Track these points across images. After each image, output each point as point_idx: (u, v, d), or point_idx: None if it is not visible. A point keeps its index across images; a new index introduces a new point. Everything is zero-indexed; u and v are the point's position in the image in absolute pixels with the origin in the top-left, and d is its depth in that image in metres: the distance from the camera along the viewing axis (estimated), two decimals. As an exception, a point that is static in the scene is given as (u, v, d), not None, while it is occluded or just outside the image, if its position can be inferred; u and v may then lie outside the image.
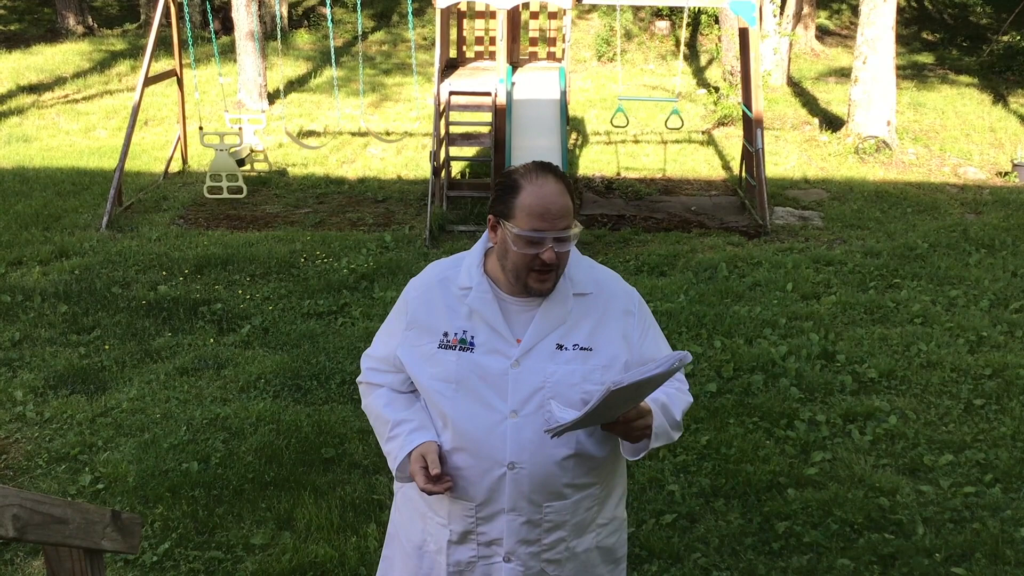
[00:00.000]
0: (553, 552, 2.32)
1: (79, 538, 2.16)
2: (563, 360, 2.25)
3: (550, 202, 2.16)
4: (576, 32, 17.45)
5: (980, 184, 10.75)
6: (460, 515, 2.31)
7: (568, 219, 2.19)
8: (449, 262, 2.42)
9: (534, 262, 2.18)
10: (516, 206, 2.18)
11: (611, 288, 2.38)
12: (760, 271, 7.61)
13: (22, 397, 5.38)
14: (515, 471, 2.23)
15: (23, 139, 12.04)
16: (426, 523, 2.39)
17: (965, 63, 17.53)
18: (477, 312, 2.27)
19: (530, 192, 2.17)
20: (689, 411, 2.47)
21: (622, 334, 2.32)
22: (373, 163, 11.29)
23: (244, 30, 13.52)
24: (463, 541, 2.33)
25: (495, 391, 2.23)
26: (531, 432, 2.22)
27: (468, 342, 2.26)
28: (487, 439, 2.23)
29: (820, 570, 3.89)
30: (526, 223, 2.16)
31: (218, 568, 3.91)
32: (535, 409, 2.22)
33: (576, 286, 2.31)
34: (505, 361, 2.24)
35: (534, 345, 2.25)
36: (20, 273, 7.41)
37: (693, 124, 12.92)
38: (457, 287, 2.31)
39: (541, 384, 2.22)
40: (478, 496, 2.27)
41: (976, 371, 5.74)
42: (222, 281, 7.30)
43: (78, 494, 4.42)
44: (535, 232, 2.15)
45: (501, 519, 2.28)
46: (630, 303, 2.38)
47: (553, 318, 2.27)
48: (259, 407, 5.24)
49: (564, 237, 2.18)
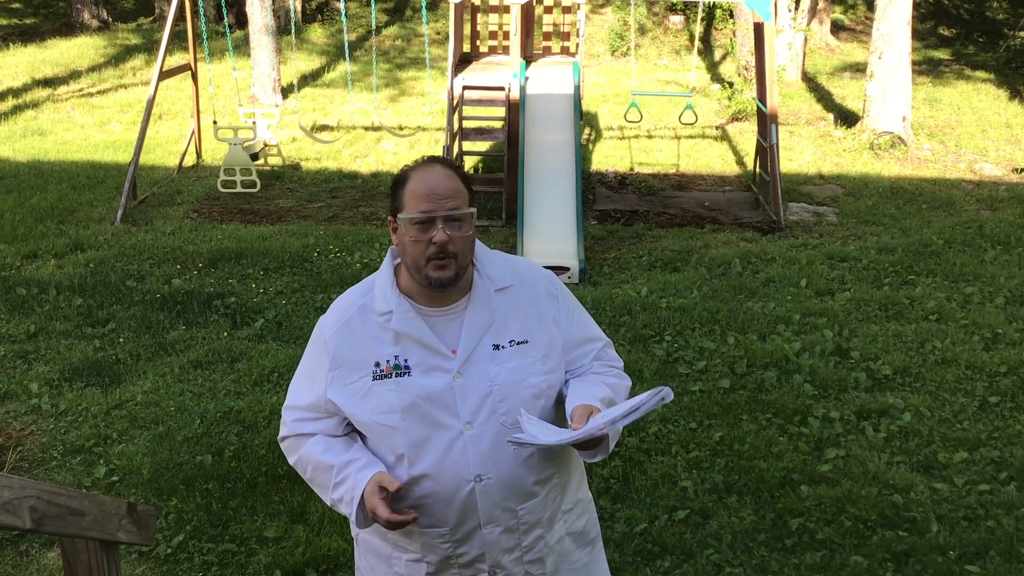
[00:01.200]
0: (533, 552, 2.27)
1: (95, 530, 2.17)
2: (503, 359, 2.20)
3: (435, 183, 2.14)
4: (590, 27, 17.40)
5: (996, 180, 10.67)
6: (434, 544, 2.23)
7: (457, 200, 2.14)
8: (360, 289, 2.31)
9: (429, 248, 2.12)
10: (404, 195, 2.16)
11: (530, 276, 2.33)
12: (774, 267, 7.59)
13: (37, 389, 5.41)
14: (483, 483, 2.17)
15: (38, 132, 12.09)
16: (393, 565, 2.30)
17: (981, 59, 17.41)
18: (404, 334, 2.19)
19: (415, 179, 2.16)
20: (703, 407, 2.45)
21: (552, 318, 2.29)
22: (386, 157, 11.29)
23: (258, 24, 13.54)
24: (443, 570, 2.26)
25: (444, 408, 2.17)
26: (489, 440, 2.17)
27: (402, 367, 2.18)
28: (448, 459, 2.16)
29: (833, 567, 3.88)
30: (414, 207, 2.13)
31: (232, 560, 3.92)
32: (488, 416, 2.17)
33: (495, 282, 2.26)
34: (446, 376, 2.17)
35: (471, 352, 2.19)
36: (35, 266, 7.45)
37: (707, 119, 12.87)
38: (376, 314, 2.22)
39: (488, 390, 2.18)
40: (450, 519, 2.20)
41: (991, 368, 5.71)
42: (236, 275, 7.32)
43: (93, 486, 4.45)
44: (422, 213, 2.12)
45: (478, 535, 2.22)
46: (551, 286, 2.34)
47: (481, 320, 2.22)
48: (273, 400, 5.25)
49: (454, 216, 2.13)
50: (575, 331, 2.33)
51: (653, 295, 6.89)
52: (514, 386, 2.19)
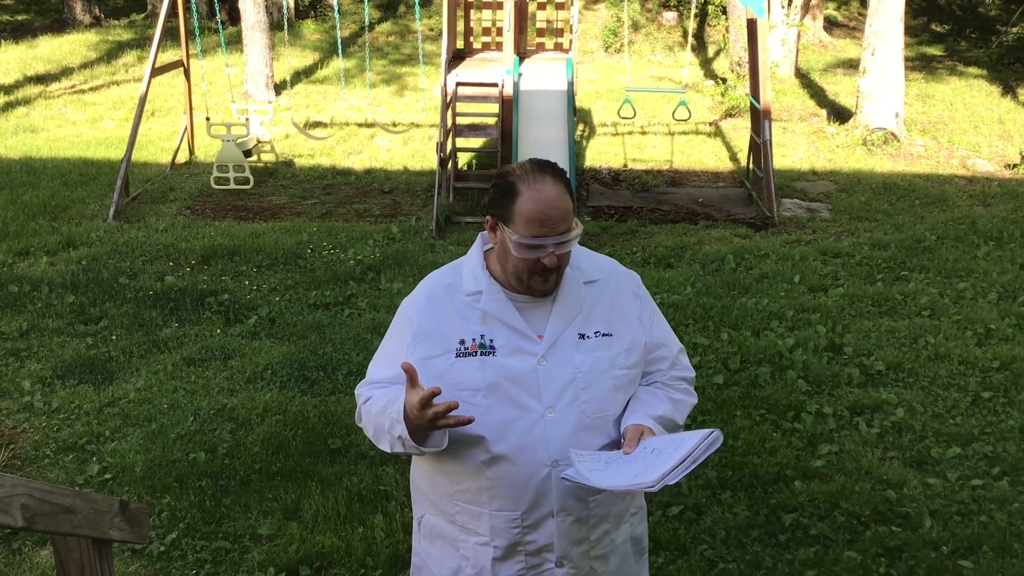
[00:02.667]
0: (599, 548, 2.26)
1: (87, 528, 2.17)
2: (588, 349, 2.21)
3: (550, 207, 2.08)
4: (583, 23, 17.40)
5: (989, 176, 10.70)
6: (504, 528, 2.20)
7: (568, 222, 2.12)
8: (447, 271, 2.32)
9: (536, 266, 2.13)
10: (515, 211, 2.10)
11: (616, 273, 2.36)
12: (767, 263, 7.60)
13: (30, 387, 5.39)
14: (559, 468, 2.15)
15: (30, 129, 12.05)
16: (459, 548, 2.27)
17: (974, 55, 17.44)
18: (492, 315, 2.19)
19: (529, 198, 2.09)
20: (696, 403, 2.45)
21: (636, 316, 2.30)
22: (380, 154, 11.28)
23: (251, 20, 13.50)
24: (509, 556, 2.22)
25: (527, 391, 2.16)
26: (570, 427, 2.17)
27: (488, 346, 2.18)
28: (527, 441, 2.15)
29: (827, 562, 3.88)
30: (526, 230, 2.09)
31: (225, 558, 3.92)
32: (570, 402, 2.17)
33: (584, 275, 2.28)
34: (531, 359, 2.18)
35: (557, 338, 2.20)
36: (28, 263, 7.43)
37: (700, 115, 12.87)
38: (464, 293, 2.22)
39: (572, 376, 2.18)
40: (523, 503, 2.18)
41: (984, 364, 5.72)
42: (229, 272, 7.31)
43: (86, 484, 4.44)
44: (535, 239, 2.09)
45: (550, 523, 2.20)
46: (636, 286, 2.36)
47: (570, 308, 2.23)
48: (266, 398, 5.24)
49: (565, 241, 2.12)
50: (655, 333, 2.34)
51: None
52: (597, 375, 2.20)
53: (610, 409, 2.22)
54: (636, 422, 2.20)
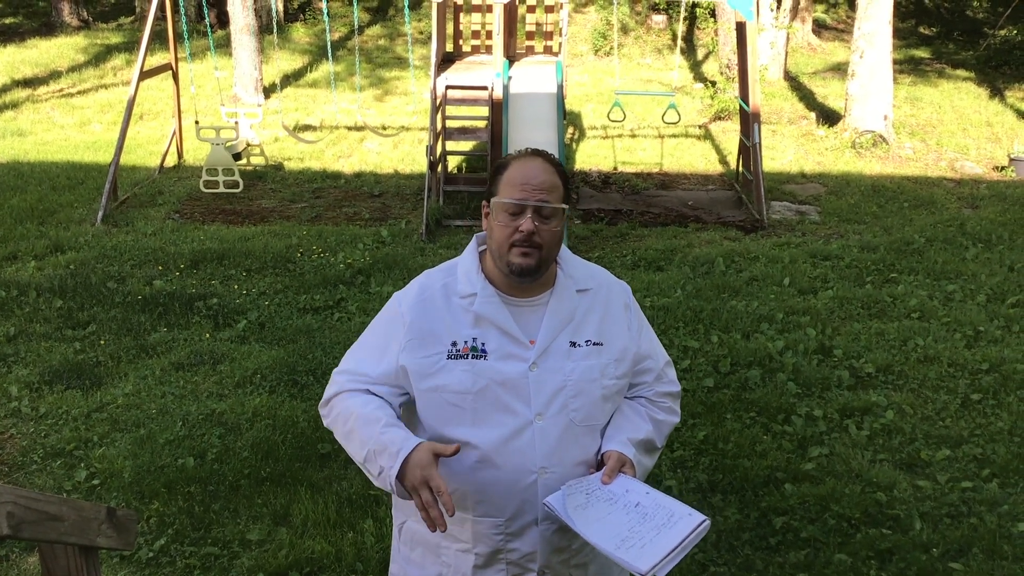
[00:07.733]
0: (580, 556, 2.25)
1: (74, 535, 2.15)
2: (579, 357, 2.21)
3: (532, 174, 2.15)
4: (573, 26, 17.42)
5: (977, 178, 10.74)
6: (487, 534, 2.19)
7: (551, 194, 2.15)
8: (442, 270, 2.31)
9: (515, 235, 2.14)
10: (501, 181, 2.19)
11: (608, 283, 2.36)
12: (757, 266, 7.61)
13: (17, 392, 5.36)
14: (546, 476, 2.15)
15: (18, 133, 12.00)
16: (441, 555, 2.26)
17: (962, 57, 17.53)
18: (485, 317, 2.19)
19: (514, 167, 2.19)
20: (687, 406, 2.45)
21: (626, 327, 2.31)
22: (370, 157, 11.26)
23: (240, 24, 13.48)
24: (491, 563, 2.21)
25: (517, 396, 2.16)
26: (557, 435, 2.17)
27: (480, 350, 2.17)
28: (515, 447, 2.15)
29: (817, 565, 3.88)
30: (507, 193, 2.16)
31: (214, 564, 3.89)
32: (559, 410, 2.17)
33: (577, 283, 2.29)
34: (522, 365, 2.17)
35: (549, 345, 2.20)
36: (15, 268, 7.38)
37: (690, 118, 12.90)
38: (458, 295, 2.22)
39: (562, 384, 2.18)
40: (508, 510, 2.17)
41: (973, 366, 5.74)
42: (218, 276, 7.28)
43: (73, 490, 4.41)
44: (514, 200, 2.13)
45: (533, 531, 2.19)
46: (626, 297, 2.37)
47: (562, 315, 2.23)
48: (255, 402, 5.22)
49: (544, 208, 2.14)
50: (643, 344, 2.34)
51: (637, 294, 6.85)
52: (587, 384, 2.20)
53: (598, 418, 2.22)
54: (618, 449, 2.20)
